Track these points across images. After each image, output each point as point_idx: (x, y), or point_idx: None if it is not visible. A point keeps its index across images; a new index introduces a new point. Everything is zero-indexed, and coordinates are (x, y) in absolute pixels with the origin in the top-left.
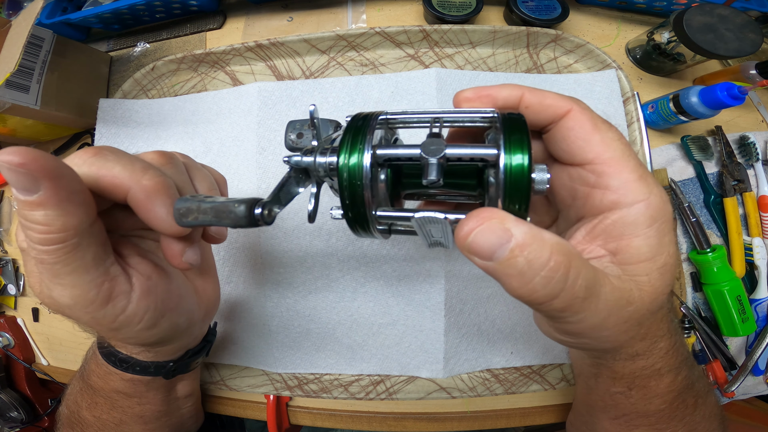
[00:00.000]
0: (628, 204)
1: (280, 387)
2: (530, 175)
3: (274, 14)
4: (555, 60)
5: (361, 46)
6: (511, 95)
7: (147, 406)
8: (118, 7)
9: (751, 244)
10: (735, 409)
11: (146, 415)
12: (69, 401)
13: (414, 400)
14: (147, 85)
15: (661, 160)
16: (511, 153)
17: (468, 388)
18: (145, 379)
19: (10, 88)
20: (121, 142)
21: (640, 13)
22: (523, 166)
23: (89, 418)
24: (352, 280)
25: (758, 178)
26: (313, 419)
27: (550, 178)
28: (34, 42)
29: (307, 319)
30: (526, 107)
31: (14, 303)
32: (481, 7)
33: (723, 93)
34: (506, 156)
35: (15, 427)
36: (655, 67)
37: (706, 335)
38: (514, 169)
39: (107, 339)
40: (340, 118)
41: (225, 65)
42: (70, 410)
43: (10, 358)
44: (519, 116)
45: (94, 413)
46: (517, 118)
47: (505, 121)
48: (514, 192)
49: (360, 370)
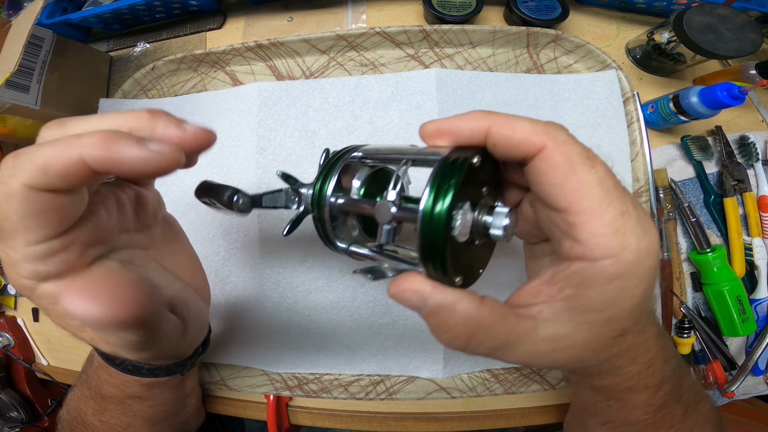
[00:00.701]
0: (593, 259)
1: (280, 387)
2: (446, 235)
3: (274, 14)
4: (555, 60)
5: (361, 46)
6: (476, 130)
7: (159, 407)
8: (118, 7)
9: (751, 244)
10: (735, 409)
11: (156, 416)
12: (70, 407)
13: (414, 400)
14: (147, 85)
15: (661, 160)
16: (424, 214)
17: (468, 388)
18: (163, 380)
19: (10, 88)
20: None
21: (640, 13)
22: (437, 229)
23: (95, 423)
24: (352, 280)
25: (758, 178)
26: (313, 419)
27: (508, 225)
28: (34, 42)
29: (307, 319)
30: (493, 145)
31: (14, 303)
32: (481, 7)
33: (723, 93)
34: (421, 220)
35: (15, 427)
36: (655, 67)
37: (706, 335)
38: (424, 231)
39: None
40: (340, 118)
41: (225, 65)
42: (72, 416)
43: (10, 358)
44: (456, 165)
45: (101, 418)
46: (450, 168)
47: (436, 173)
48: (428, 255)
49: (360, 370)
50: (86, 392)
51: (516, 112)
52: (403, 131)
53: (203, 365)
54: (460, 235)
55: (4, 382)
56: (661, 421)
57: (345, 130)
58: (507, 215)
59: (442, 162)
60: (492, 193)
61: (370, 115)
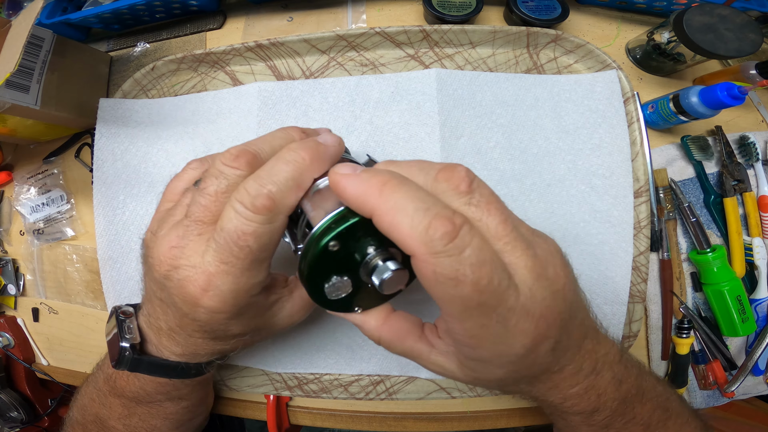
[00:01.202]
0: (456, 342)
1: (280, 387)
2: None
3: (274, 14)
4: (555, 60)
5: (361, 46)
6: (361, 206)
7: (191, 407)
8: (118, 7)
9: (751, 244)
10: (735, 409)
11: (184, 417)
12: (85, 412)
13: (414, 400)
14: (147, 85)
15: (661, 160)
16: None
17: (468, 388)
18: (207, 376)
19: (10, 88)
20: (121, 141)
21: (640, 13)
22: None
23: (119, 427)
24: None
25: (758, 178)
26: (313, 419)
27: (386, 279)
28: (34, 42)
29: (306, 318)
30: (377, 226)
31: (14, 303)
32: (481, 7)
33: (723, 93)
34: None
35: (15, 427)
36: (655, 67)
37: (706, 335)
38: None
39: None
40: (340, 118)
41: (225, 65)
42: (87, 420)
43: (10, 358)
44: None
45: (126, 422)
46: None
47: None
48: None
49: (360, 370)
50: (115, 401)
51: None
52: (403, 131)
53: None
54: (330, 290)
55: (4, 382)
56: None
57: (345, 130)
58: (392, 271)
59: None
60: None
61: (370, 115)
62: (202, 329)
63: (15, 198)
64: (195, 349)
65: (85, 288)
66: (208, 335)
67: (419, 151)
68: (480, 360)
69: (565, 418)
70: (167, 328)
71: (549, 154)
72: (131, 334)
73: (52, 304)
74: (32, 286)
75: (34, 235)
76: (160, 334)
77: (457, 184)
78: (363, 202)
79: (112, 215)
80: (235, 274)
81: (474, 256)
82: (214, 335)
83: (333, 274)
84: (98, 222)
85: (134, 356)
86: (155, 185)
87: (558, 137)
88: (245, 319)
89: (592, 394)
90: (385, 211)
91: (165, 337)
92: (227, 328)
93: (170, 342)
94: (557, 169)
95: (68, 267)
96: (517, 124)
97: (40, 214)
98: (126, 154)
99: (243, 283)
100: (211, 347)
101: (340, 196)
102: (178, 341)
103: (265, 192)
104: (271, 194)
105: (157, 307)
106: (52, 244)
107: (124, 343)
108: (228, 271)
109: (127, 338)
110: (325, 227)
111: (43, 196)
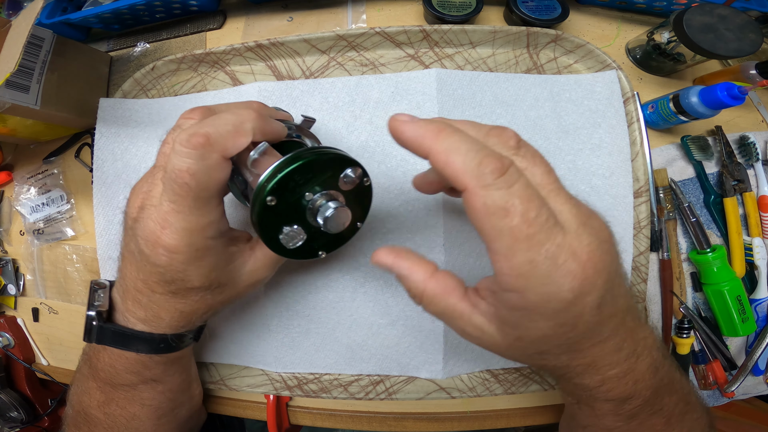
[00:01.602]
0: (502, 289)
1: (279, 387)
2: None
3: (274, 14)
4: (555, 60)
5: (361, 46)
6: (417, 147)
7: (168, 394)
8: (118, 7)
9: (751, 244)
10: (735, 409)
11: (163, 406)
12: (73, 401)
13: (413, 400)
14: (147, 85)
15: (661, 160)
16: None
17: (468, 389)
18: (178, 356)
19: (10, 88)
20: (121, 141)
21: (640, 13)
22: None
23: (99, 416)
24: (351, 280)
25: (758, 178)
26: (313, 419)
27: (329, 216)
28: (34, 42)
29: (306, 318)
30: (433, 167)
31: (14, 303)
32: (481, 7)
33: (723, 93)
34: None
35: (15, 427)
36: (655, 67)
37: (706, 335)
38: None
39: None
40: (340, 118)
41: (225, 65)
42: (75, 410)
43: (10, 358)
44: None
45: (106, 410)
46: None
47: (288, 158)
48: (255, 224)
49: (359, 370)
50: (93, 384)
51: (516, 113)
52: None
53: (203, 365)
54: (286, 240)
55: (4, 382)
56: (638, 428)
57: (345, 130)
58: (333, 209)
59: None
60: None
61: (371, 115)
62: (163, 279)
63: (15, 198)
64: (157, 310)
65: (85, 288)
66: (168, 288)
67: None
68: (525, 309)
69: (592, 406)
70: (133, 288)
71: (549, 154)
72: (99, 302)
73: (52, 304)
74: (32, 286)
75: (34, 235)
76: (126, 297)
77: (506, 140)
78: (420, 143)
79: (112, 215)
80: (184, 212)
81: (522, 190)
82: (175, 287)
83: (282, 225)
84: (98, 222)
85: (100, 324)
86: None
87: (558, 137)
88: (204, 268)
89: (630, 379)
90: (440, 150)
91: (130, 300)
92: (186, 277)
93: (135, 305)
94: (557, 169)
95: (68, 267)
96: (516, 124)
97: (40, 214)
98: (126, 154)
99: (194, 222)
100: (173, 306)
101: (398, 138)
102: (141, 302)
103: (202, 132)
104: (207, 134)
105: (126, 264)
106: (52, 244)
107: (91, 311)
108: (177, 210)
109: (94, 305)
110: (260, 186)
111: (43, 196)
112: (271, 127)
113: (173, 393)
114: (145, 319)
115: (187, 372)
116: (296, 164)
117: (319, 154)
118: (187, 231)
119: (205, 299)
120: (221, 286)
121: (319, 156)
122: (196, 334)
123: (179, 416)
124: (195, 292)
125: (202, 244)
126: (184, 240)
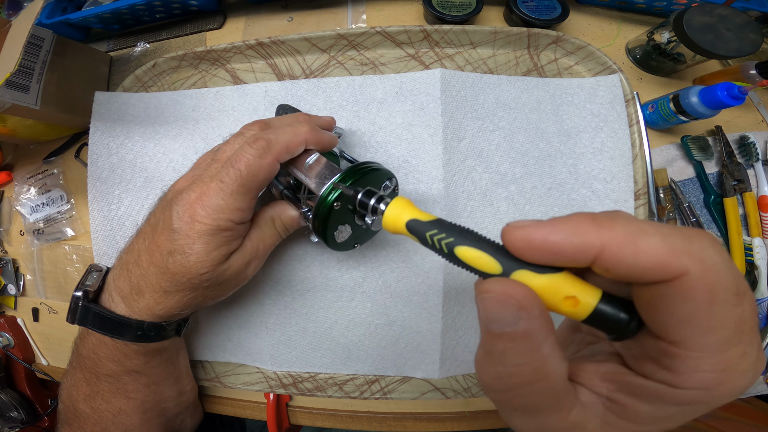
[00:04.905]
0: (676, 387)
1: (274, 385)
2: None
3: (274, 14)
4: (555, 62)
5: (362, 46)
6: (581, 250)
7: (153, 387)
8: (118, 7)
9: (751, 244)
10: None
11: (148, 400)
12: (63, 396)
13: (408, 400)
14: (148, 82)
15: (661, 160)
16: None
17: (463, 389)
18: (162, 347)
19: (10, 88)
20: (116, 136)
21: (640, 13)
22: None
23: (86, 410)
24: (350, 279)
25: (758, 178)
26: (313, 419)
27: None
28: (34, 42)
29: (304, 317)
30: (605, 270)
31: (14, 303)
32: (481, 7)
33: (723, 93)
34: None
35: (15, 427)
36: (655, 67)
37: None
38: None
39: None
40: (343, 118)
41: (226, 63)
42: (65, 405)
43: (10, 358)
44: None
45: (92, 404)
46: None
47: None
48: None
49: (355, 369)
50: (79, 375)
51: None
52: (406, 132)
53: (197, 362)
54: (337, 235)
55: (4, 382)
56: None
57: (347, 130)
58: (382, 212)
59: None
60: None
61: (374, 116)
62: (168, 247)
63: (15, 198)
64: (143, 286)
65: None
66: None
67: (421, 152)
68: (707, 405)
69: None
70: (133, 261)
71: (550, 158)
72: (90, 282)
73: (52, 304)
74: (32, 286)
75: (34, 235)
76: (121, 272)
77: None
78: (580, 243)
79: (107, 210)
80: (225, 192)
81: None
82: (172, 261)
83: (338, 224)
84: (93, 217)
85: (84, 304)
86: (151, 180)
87: (559, 141)
88: (209, 244)
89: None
90: (620, 240)
91: (123, 275)
92: (190, 250)
93: (123, 281)
94: (558, 173)
95: (68, 267)
96: (518, 126)
97: (40, 214)
98: (121, 149)
99: (229, 202)
100: (158, 283)
101: (545, 251)
102: (132, 275)
103: (266, 137)
104: (269, 139)
105: (139, 238)
106: (52, 244)
107: (78, 291)
108: (221, 188)
109: (84, 285)
110: (327, 193)
111: (43, 196)
112: (321, 137)
113: (158, 386)
114: (127, 295)
115: (172, 366)
116: (358, 177)
117: (374, 169)
118: (219, 207)
119: (192, 283)
120: (210, 279)
121: (374, 171)
122: (177, 328)
123: (167, 411)
124: (186, 272)
125: (223, 224)
126: (211, 215)
